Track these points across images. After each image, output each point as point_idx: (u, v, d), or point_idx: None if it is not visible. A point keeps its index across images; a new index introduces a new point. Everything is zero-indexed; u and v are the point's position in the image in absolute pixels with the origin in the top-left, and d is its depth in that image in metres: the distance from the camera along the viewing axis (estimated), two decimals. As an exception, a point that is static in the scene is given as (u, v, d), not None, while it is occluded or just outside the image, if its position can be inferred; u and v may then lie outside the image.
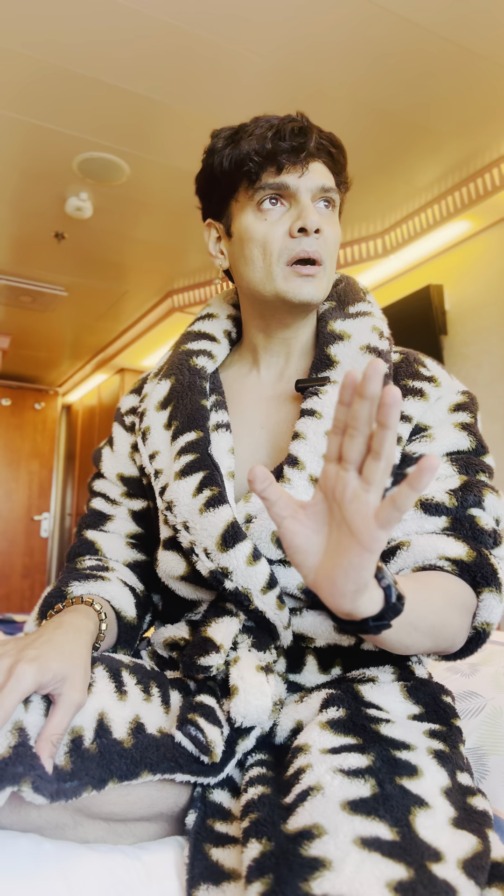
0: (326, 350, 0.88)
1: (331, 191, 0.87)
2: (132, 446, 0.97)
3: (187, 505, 0.80)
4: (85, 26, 2.01)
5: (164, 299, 4.08)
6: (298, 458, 0.79)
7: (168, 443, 0.88)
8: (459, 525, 0.78)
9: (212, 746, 0.66)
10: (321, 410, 0.82)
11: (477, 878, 0.52)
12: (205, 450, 0.83)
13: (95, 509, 0.97)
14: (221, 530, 0.76)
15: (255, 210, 0.85)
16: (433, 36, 2.04)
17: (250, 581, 0.75)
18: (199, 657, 0.73)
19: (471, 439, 0.85)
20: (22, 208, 3.11)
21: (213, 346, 0.97)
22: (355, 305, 0.93)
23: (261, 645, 0.76)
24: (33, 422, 6.11)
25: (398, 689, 0.76)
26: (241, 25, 2.01)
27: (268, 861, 0.52)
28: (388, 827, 0.53)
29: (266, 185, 0.84)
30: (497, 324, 2.97)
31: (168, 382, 0.92)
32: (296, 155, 0.83)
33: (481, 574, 0.74)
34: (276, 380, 0.93)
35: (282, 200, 0.85)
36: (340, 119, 2.44)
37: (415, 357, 0.91)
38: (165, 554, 0.85)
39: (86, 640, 0.70)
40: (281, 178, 0.83)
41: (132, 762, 0.62)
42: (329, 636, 0.79)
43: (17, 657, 0.61)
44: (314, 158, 0.85)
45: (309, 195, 0.85)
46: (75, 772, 0.59)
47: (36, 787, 0.55)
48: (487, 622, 0.76)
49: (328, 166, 0.87)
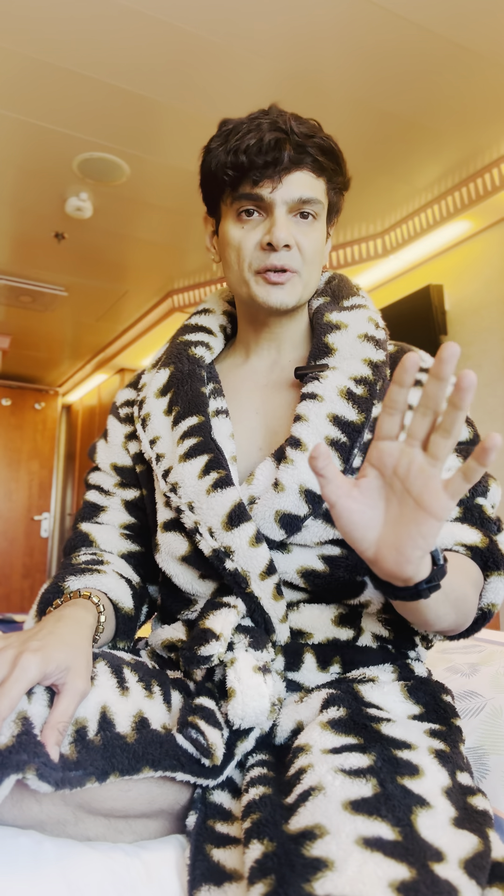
0: (324, 339, 0.89)
1: (310, 202, 0.85)
2: (126, 436, 0.99)
3: (193, 486, 0.82)
4: (85, 26, 2.01)
5: (164, 299, 4.08)
6: (301, 440, 0.80)
7: (169, 428, 0.89)
8: (470, 514, 0.84)
9: (212, 749, 0.66)
10: (322, 393, 0.83)
11: (478, 877, 0.52)
12: (207, 434, 0.85)
13: (90, 501, 0.99)
14: (228, 510, 0.78)
15: (235, 217, 0.88)
16: (433, 36, 2.04)
17: (250, 563, 0.77)
18: (198, 647, 0.73)
19: (469, 430, 0.90)
20: (22, 208, 3.11)
21: (209, 339, 1.00)
22: (349, 299, 0.95)
23: (258, 644, 0.76)
24: (33, 422, 6.11)
25: (398, 688, 0.76)
26: (241, 26, 2.01)
27: (270, 862, 0.52)
28: (390, 827, 0.53)
29: (242, 196, 0.86)
30: (497, 324, 2.97)
31: (167, 371, 0.94)
32: (269, 169, 0.83)
33: (493, 559, 0.80)
34: (269, 370, 0.95)
35: (259, 210, 0.86)
36: (340, 119, 2.44)
37: (410, 349, 0.94)
38: (167, 535, 0.86)
39: (86, 632, 0.71)
40: (256, 190, 0.84)
41: (134, 757, 0.63)
42: (327, 630, 0.80)
43: (21, 648, 0.61)
44: (294, 168, 0.84)
45: (284, 208, 0.85)
46: (80, 761, 0.60)
47: (41, 774, 0.55)
48: (493, 603, 0.82)
49: (314, 172, 0.86)
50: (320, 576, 0.79)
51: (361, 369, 0.85)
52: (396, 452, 0.56)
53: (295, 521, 0.78)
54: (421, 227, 3.08)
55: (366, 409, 0.83)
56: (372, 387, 0.84)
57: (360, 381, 0.84)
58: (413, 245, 3.16)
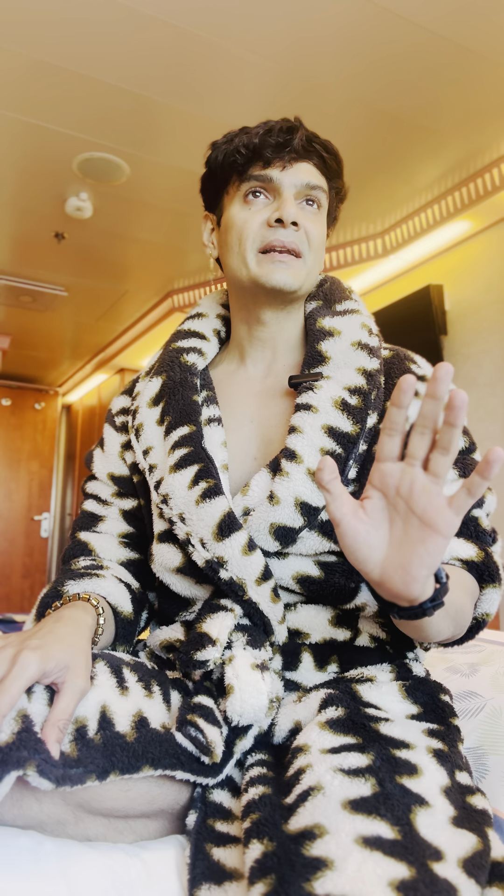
0: (317, 346, 0.89)
1: (317, 189, 0.88)
2: (122, 445, 0.98)
3: (183, 497, 0.81)
4: (85, 27, 2.01)
5: (164, 299, 4.08)
6: (296, 452, 0.80)
7: (161, 438, 0.89)
8: (465, 527, 0.83)
9: (212, 747, 0.66)
10: (316, 404, 0.82)
11: (477, 877, 0.52)
12: (198, 443, 0.84)
13: (87, 511, 0.98)
14: (217, 520, 0.77)
15: (241, 201, 0.89)
16: (434, 36, 2.04)
17: (245, 571, 0.76)
18: (195, 652, 0.73)
19: (465, 439, 0.89)
20: (22, 208, 3.11)
21: (202, 344, 0.99)
22: (342, 304, 0.95)
23: (255, 642, 0.76)
24: (33, 422, 6.12)
25: (396, 688, 0.76)
26: (241, 26, 2.01)
27: (270, 861, 0.52)
28: (389, 826, 0.53)
29: (251, 177, 0.88)
30: (497, 324, 2.97)
31: (160, 379, 0.94)
32: (280, 150, 0.86)
33: (488, 573, 0.81)
34: (263, 375, 0.94)
35: (266, 193, 0.88)
36: (341, 119, 2.44)
37: (405, 355, 0.93)
38: (161, 546, 0.85)
39: (85, 633, 0.71)
40: (266, 171, 0.87)
41: (134, 755, 0.63)
42: (324, 631, 0.80)
43: (21, 646, 0.61)
44: (302, 158, 0.88)
45: (292, 190, 0.87)
46: (81, 759, 0.60)
47: (41, 770, 0.55)
48: (487, 613, 0.82)
49: (319, 169, 0.90)
50: (315, 581, 0.79)
51: (355, 379, 0.85)
52: (398, 473, 0.57)
53: (290, 533, 0.77)
54: (421, 227, 3.08)
55: (360, 419, 0.82)
56: (366, 396, 0.84)
57: (354, 392, 0.84)
58: (413, 245, 3.16)
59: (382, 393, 0.87)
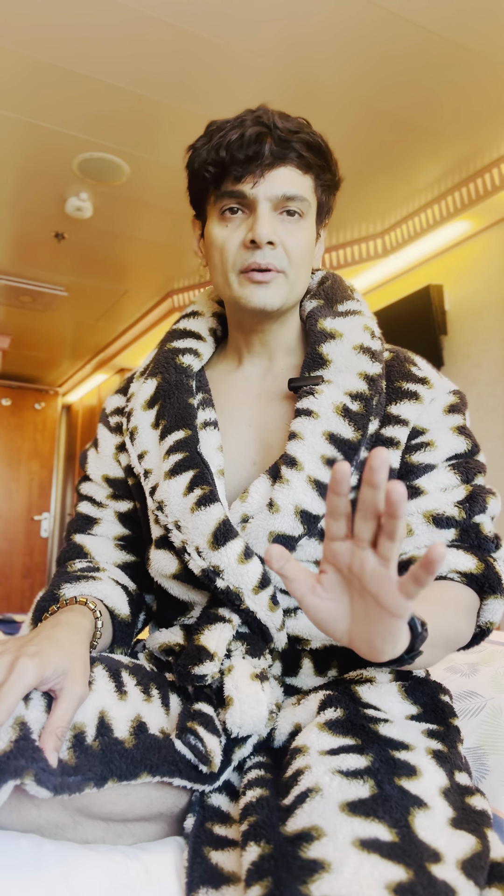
0: (318, 349, 0.87)
1: (295, 199, 0.83)
2: (117, 447, 0.96)
3: (178, 504, 0.80)
4: (86, 27, 2.01)
5: (164, 299, 4.08)
6: (297, 459, 0.79)
7: (156, 442, 0.87)
8: (466, 535, 0.81)
9: (211, 756, 0.66)
10: (317, 410, 0.81)
11: (476, 878, 0.52)
12: (194, 448, 0.83)
13: (82, 513, 0.97)
14: (213, 528, 0.76)
15: (219, 217, 0.85)
16: (433, 36, 2.04)
17: (242, 580, 0.75)
18: (192, 666, 0.73)
19: (467, 442, 0.86)
20: (22, 208, 3.11)
21: (198, 345, 0.96)
22: (344, 304, 0.92)
23: (255, 651, 0.75)
24: (33, 422, 6.11)
25: (395, 689, 0.76)
26: (241, 26, 2.00)
27: (267, 864, 0.52)
28: (387, 828, 0.53)
29: (225, 194, 0.84)
30: (497, 324, 2.97)
31: (154, 381, 0.91)
32: (249, 163, 0.81)
33: (489, 584, 0.79)
34: (261, 377, 0.92)
35: (242, 208, 0.84)
36: (340, 119, 2.44)
37: (405, 356, 0.91)
38: (157, 553, 0.84)
39: (83, 637, 0.70)
40: (238, 186, 0.82)
41: (132, 762, 0.62)
42: (324, 637, 0.79)
43: (18, 653, 0.61)
44: (278, 163, 0.82)
45: (268, 204, 0.82)
46: (79, 767, 0.59)
47: (39, 779, 0.55)
48: (491, 622, 0.81)
49: (300, 169, 0.83)
50: None
51: (357, 384, 0.83)
52: (348, 553, 0.54)
53: (289, 541, 0.77)
54: (421, 227, 3.08)
55: (362, 425, 0.81)
56: (368, 402, 0.82)
57: (355, 397, 0.82)
58: (413, 245, 3.15)
59: (384, 398, 0.85)
